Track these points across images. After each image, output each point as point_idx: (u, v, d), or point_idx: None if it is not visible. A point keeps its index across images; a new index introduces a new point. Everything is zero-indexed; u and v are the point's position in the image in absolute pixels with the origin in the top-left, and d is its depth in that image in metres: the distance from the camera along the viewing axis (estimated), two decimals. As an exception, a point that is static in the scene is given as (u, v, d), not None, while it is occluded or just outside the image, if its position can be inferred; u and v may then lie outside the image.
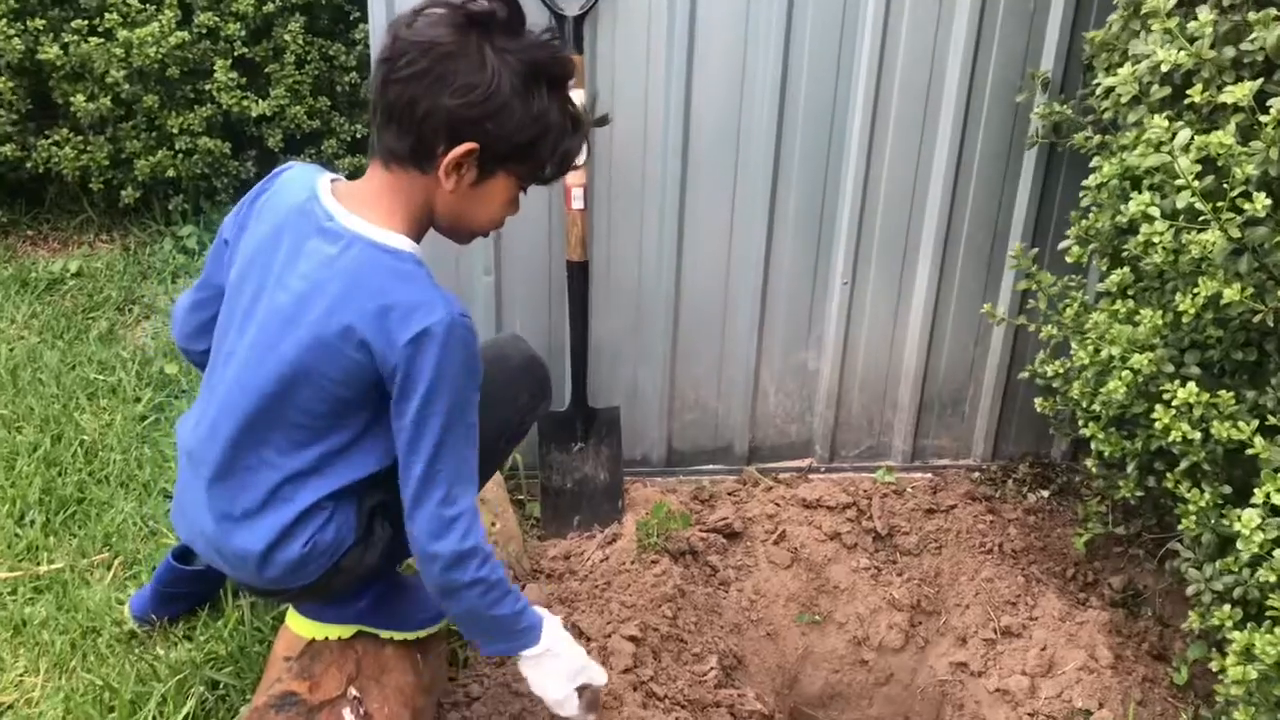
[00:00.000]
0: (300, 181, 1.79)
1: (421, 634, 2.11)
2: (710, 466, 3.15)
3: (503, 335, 2.06)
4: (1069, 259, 2.44)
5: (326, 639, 2.01)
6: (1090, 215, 2.42)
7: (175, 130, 4.14)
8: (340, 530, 1.79)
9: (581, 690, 1.94)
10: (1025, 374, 2.72)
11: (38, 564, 2.57)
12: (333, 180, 1.79)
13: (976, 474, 3.15)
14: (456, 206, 1.74)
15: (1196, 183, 1.92)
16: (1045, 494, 3.06)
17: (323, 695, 1.94)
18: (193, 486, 1.83)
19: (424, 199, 1.72)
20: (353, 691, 1.98)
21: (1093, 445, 2.44)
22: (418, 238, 1.76)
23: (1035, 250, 2.69)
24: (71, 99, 3.96)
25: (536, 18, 2.56)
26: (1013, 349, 3.08)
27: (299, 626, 2.00)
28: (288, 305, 1.70)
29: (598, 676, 1.97)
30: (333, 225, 1.70)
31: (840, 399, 3.11)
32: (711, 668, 2.37)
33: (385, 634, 2.06)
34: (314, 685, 1.94)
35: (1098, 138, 2.49)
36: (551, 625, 1.90)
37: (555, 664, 1.90)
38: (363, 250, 1.68)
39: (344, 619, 1.99)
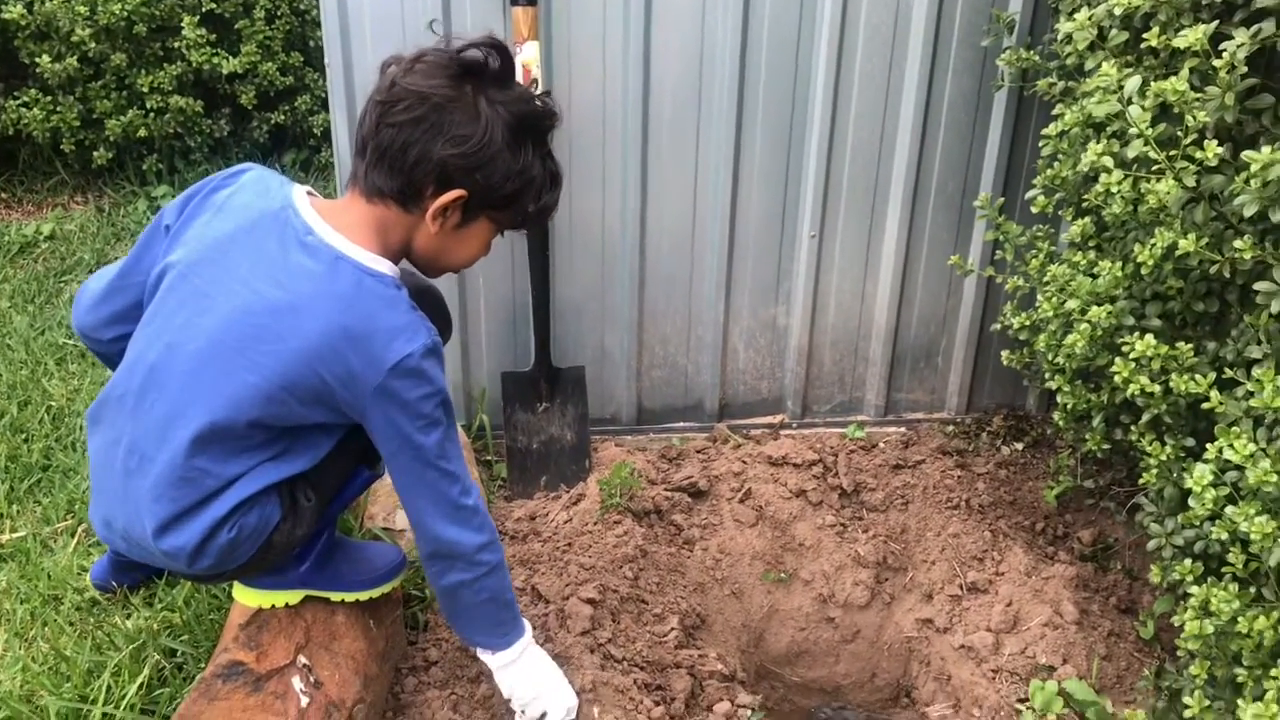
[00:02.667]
0: (271, 187, 1.78)
1: (374, 594, 2.10)
2: (681, 424, 3.12)
3: None
4: (1034, 209, 2.39)
5: (274, 607, 2.00)
6: (1055, 164, 2.37)
7: (145, 89, 4.10)
8: (265, 510, 1.77)
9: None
10: (997, 326, 2.68)
11: (0, 532, 2.57)
12: (308, 193, 1.79)
13: (950, 427, 3.11)
14: (437, 246, 1.80)
15: (1150, 130, 1.86)
16: (1019, 446, 3.02)
17: (270, 664, 1.93)
18: (131, 482, 1.76)
19: (404, 235, 1.77)
20: (302, 660, 1.98)
21: (1058, 398, 2.41)
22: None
23: (1002, 200, 2.63)
24: (38, 59, 3.91)
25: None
26: (985, 300, 3.04)
27: (245, 596, 1.99)
28: (262, 312, 1.67)
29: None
30: (313, 240, 1.70)
31: (811, 354, 3.07)
32: (672, 628, 2.35)
33: (335, 596, 2.05)
34: (261, 655, 1.94)
35: (1061, 84, 2.42)
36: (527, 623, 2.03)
37: (539, 653, 2.02)
38: (350, 271, 1.69)
39: (288, 585, 1.98)
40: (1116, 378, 2.08)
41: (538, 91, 1.80)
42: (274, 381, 1.67)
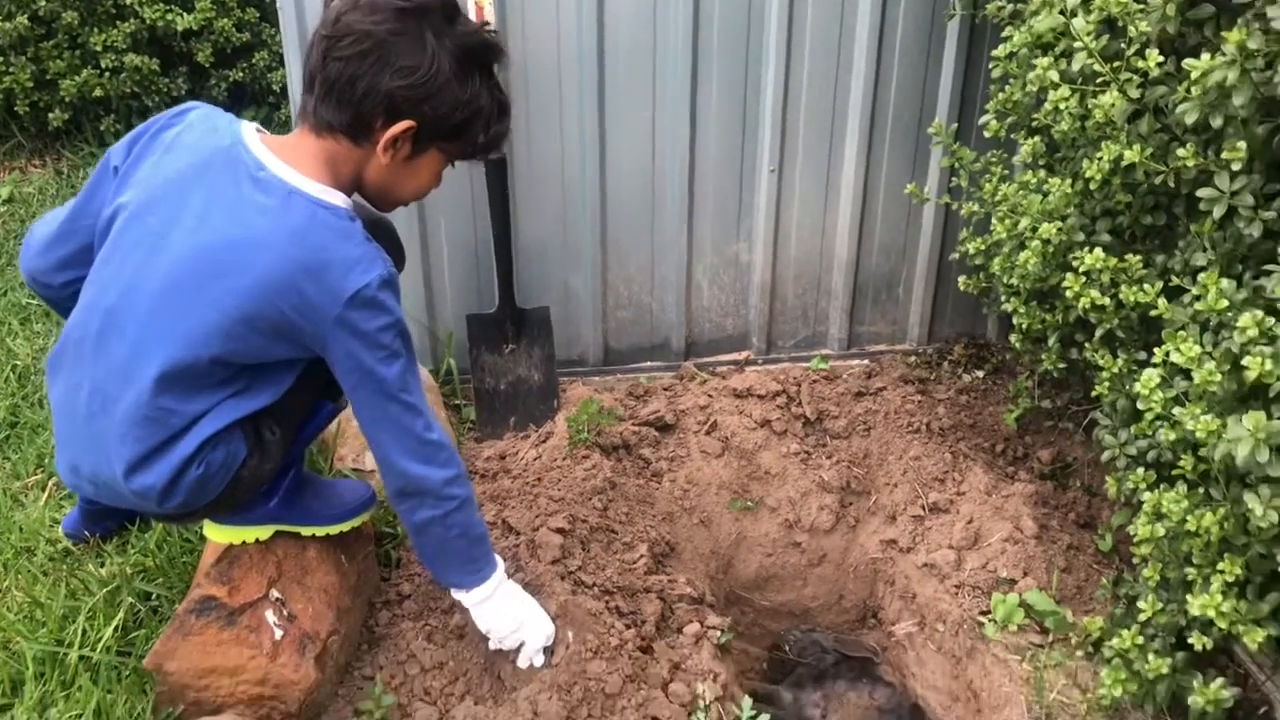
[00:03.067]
0: (220, 125, 1.78)
1: (344, 527, 2.12)
2: (648, 364, 3.15)
3: None
4: (987, 133, 2.42)
5: (245, 543, 2.02)
6: (1007, 87, 2.39)
7: (99, 48, 4.05)
8: (231, 446, 1.79)
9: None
10: (955, 255, 2.71)
11: (-30, 488, 2.57)
12: (257, 130, 1.78)
13: (912, 358, 3.15)
14: (388, 178, 1.81)
15: (1094, 43, 1.89)
16: (980, 373, 3.07)
17: (243, 598, 1.96)
18: (95, 425, 1.76)
19: (355, 169, 1.78)
20: (275, 593, 2.00)
21: (1014, 319, 2.45)
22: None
23: (956, 127, 2.66)
24: (-13, 19, 3.86)
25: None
26: (944, 229, 3.07)
27: (215, 534, 2.01)
28: (218, 249, 1.68)
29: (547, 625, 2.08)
30: (265, 175, 1.70)
31: (774, 290, 3.10)
32: (642, 556, 2.39)
33: (305, 531, 2.08)
34: (234, 589, 1.96)
35: (1010, 6, 2.44)
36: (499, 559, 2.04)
37: (513, 587, 2.04)
38: (304, 205, 1.70)
39: (258, 520, 2.00)
40: (1068, 293, 2.13)
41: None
42: (233, 317, 1.68)
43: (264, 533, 2.02)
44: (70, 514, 2.36)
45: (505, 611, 2.01)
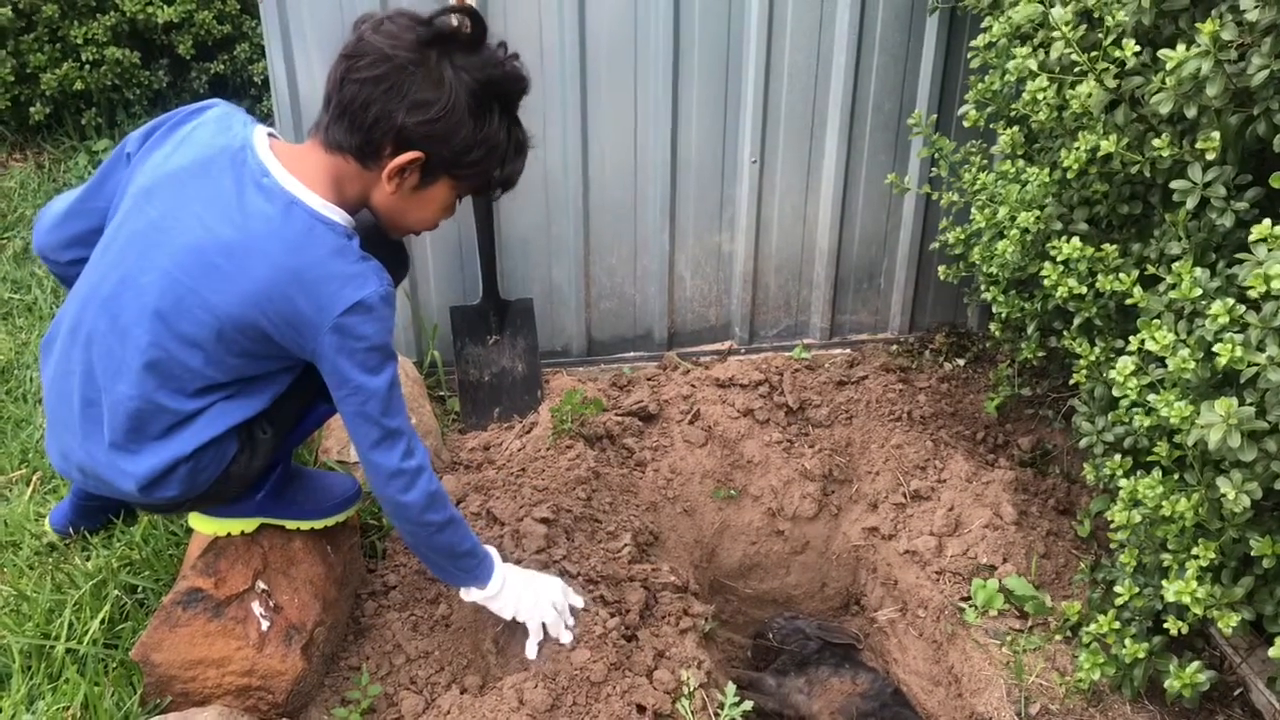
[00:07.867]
0: (233, 125, 1.77)
1: (328, 522, 2.13)
2: (631, 354, 3.16)
3: None
4: (966, 123, 2.44)
5: (230, 535, 2.03)
6: (986, 78, 2.41)
7: (80, 41, 4.03)
8: (222, 445, 1.80)
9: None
10: (936, 245, 2.73)
11: (-46, 484, 2.57)
12: (269, 135, 1.78)
13: (894, 347, 3.18)
14: (395, 206, 1.79)
15: (1072, 33, 1.91)
16: (961, 362, 3.09)
17: (229, 590, 1.97)
18: (88, 413, 1.78)
19: (361, 190, 1.77)
20: (261, 585, 2.01)
21: (994, 308, 2.47)
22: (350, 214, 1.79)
23: (935, 118, 2.68)
24: (-35, 13, 3.84)
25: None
26: (924, 219, 3.09)
27: (201, 525, 2.02)
28: (215, 251, 1.67)
29: (575, 598, 2.10)
30: (269, 183, 1.70)
31: (756, 280, 3.11)
32: (626, 545, 2.41)
33: (291, 524, 2.08)
34: (220, 581, 1.97)
35: (989, -3, 2.46)
36: (494, 552, 2.03)
37: (514, 577, 2.03)
38: (304, 217, 1.69)
39: (245, 513, 2.01)
40: (1046, 281, 2.15)
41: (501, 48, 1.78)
42: (225, 320, 1.69)
43: (250, 525, 2.03)
44: (58, 507, 2.36)
45: (516, 600, 2.02)
